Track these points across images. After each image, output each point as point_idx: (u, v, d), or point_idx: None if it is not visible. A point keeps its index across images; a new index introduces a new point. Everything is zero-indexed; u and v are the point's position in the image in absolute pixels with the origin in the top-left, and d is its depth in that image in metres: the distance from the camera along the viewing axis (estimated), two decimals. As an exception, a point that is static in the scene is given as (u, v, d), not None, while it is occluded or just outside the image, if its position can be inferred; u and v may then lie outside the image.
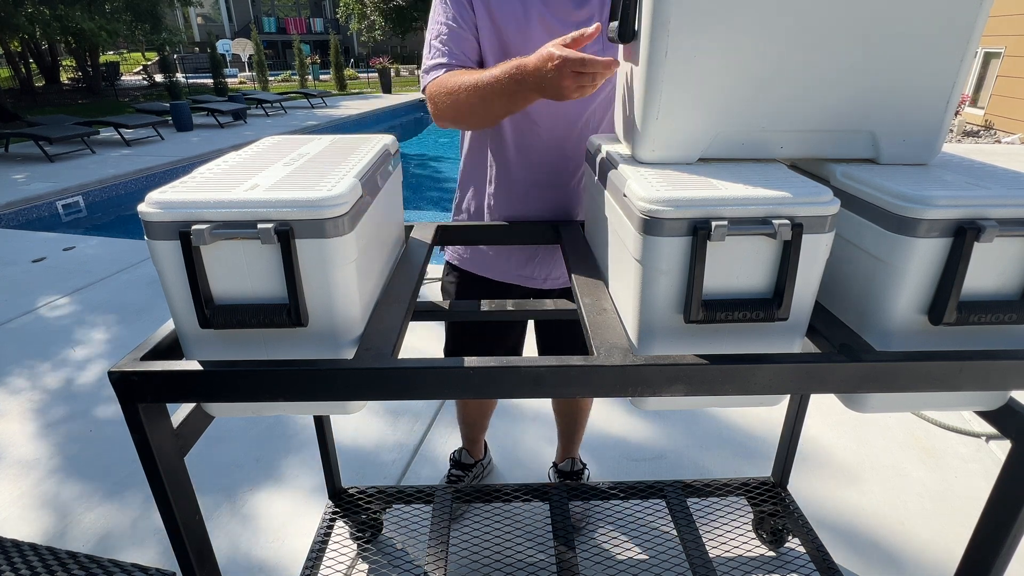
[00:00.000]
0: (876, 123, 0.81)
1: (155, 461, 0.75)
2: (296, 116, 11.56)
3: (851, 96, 0.79)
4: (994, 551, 0.86)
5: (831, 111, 0.80)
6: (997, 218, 0.68)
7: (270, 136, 1.02)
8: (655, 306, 0.73)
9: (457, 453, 1.86)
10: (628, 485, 1.61)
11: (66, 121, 8.40)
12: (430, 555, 1.39)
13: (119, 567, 0.97)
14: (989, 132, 8.94)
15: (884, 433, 2.09)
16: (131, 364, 0.73)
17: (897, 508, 1.76)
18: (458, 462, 1.85)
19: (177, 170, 6.91)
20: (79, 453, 2.04)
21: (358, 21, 24.59)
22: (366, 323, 0.82)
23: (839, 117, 0.80)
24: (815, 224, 0.68)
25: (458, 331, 1.47)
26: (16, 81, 14.94)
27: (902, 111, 0.80)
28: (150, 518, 1.74)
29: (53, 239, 4.44)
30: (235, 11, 35.13)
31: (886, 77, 0.78)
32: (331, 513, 1.57)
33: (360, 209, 0.76)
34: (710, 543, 1.53)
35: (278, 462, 1.98)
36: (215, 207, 0.67)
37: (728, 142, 0.82)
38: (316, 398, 0.75)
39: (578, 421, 1.74)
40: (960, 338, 0.76)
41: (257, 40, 16.68)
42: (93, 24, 11.13)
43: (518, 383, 0.73)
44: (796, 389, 0.76)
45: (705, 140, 0.81)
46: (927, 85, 0.78)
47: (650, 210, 0.68)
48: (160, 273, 0.71)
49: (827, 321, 0.84)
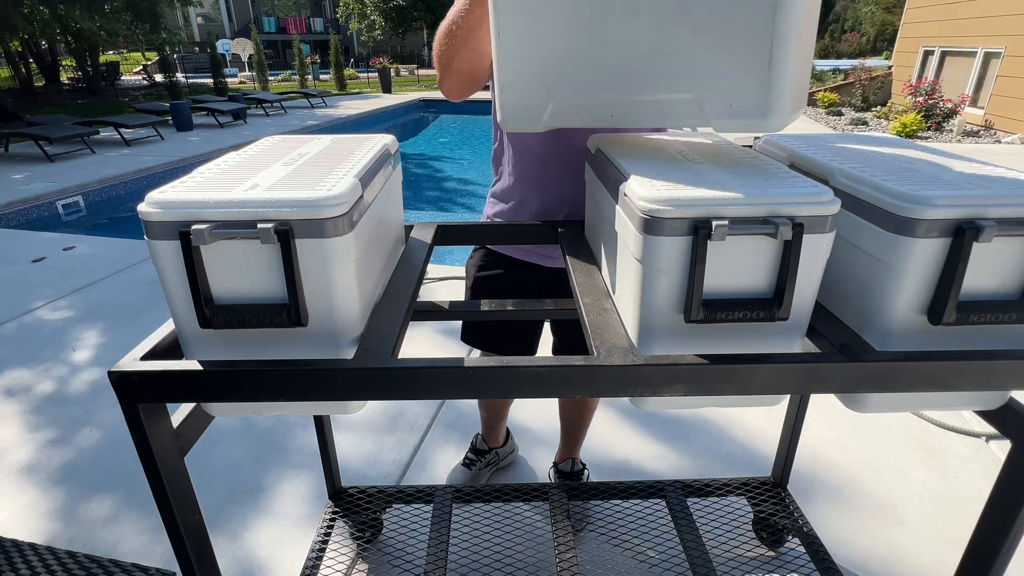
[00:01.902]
0: (697, 89, 0.79)
1: (155, 461, 0.75)
2: (296, 116, 11.55)
3: (667, 64, 0.79)
4: (994, 551, 0.86)
5: (652, 79, 0.81)
6: (996, 218, 0.68)
7: (270, 136, 1.02)
8: (655, 306, 0.73)
9: (475, 438, 1.90)
10: (628, 485, 1.62)
11: (66, 121, 8.40)
12: (430, 555, 1.39)
13: (119, 567, 0.97)
14: (989, 132, 8.94)
15: (884, 433, 2.09)
16: (131, 364, 0.73)
17: (897, 508, 1.76)
18: (474, 446, 1.89)
19: (177, 170, 6.91)
20: (79, 453, 2.04)
21: (358, 21, 24.59)
22: (366, 323, 0.83)
23: (658, 84, 0.81)
24: (816, 224, 0.68)
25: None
26: (16, 81, 14.95)
27: (721, 76, 0.78)
28: (150, 518, 1.74)
29: (53, 239, 4.44)
30: (235, 11, 35.12)
31: (699, 41, 0.77)
32: (331, 513, 1.57)
33: (360, 209, 0.76)
34: (710, 543, 1.53)
35: (278, 462, 1.98)
36: (215, 207, 0.67)
37: (564, 112, 0.86)
38: (316, 398, 0.75)
39: (582, 421, 1.74)
40: (960, 338, 0.76)
41: (257, 40, 16.68)
42: (93, 24, 11.13)
43: (518, 383, 0.73)
44: (796, 389, 0.76)
45: (543, 110, 0.86)
46: (742, 48, 0.75)
47: (650, 209, 0.68)
48: (160, 273, 0.71)
49: (827, 321, 0.84)
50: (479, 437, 1.90)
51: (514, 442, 1.98)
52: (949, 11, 10.46)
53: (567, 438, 1.79)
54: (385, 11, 23.19)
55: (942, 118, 9.20)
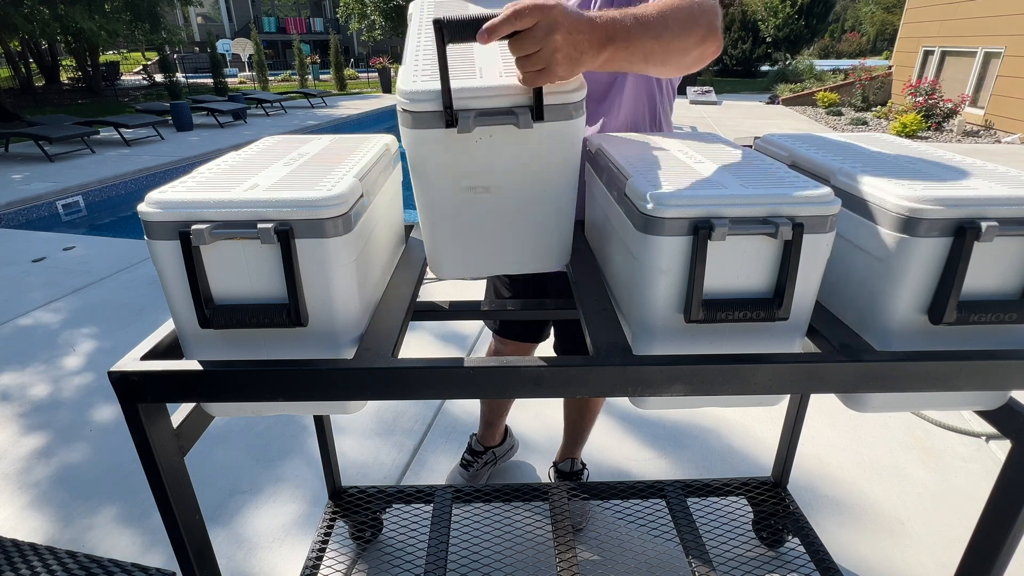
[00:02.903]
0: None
1: (155, 461, 0.75)
2: (296, 116, 11.55)
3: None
4: (994, 551, 0.86)
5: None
6: (997, 218, 0.68)
7: (270, 136, 1.02)
8: (655, 306, 0.73)
9: (471, 438, 1.90)
10: (628, 485, 1.61)
11: (66, 121, 8.40)
12: (430, 555, 1.39)
13: (119, 567, 0.97)
14: (989, 132, 8.95)
15: (884, 433, 2.09)
16: (131, 364, 0.73)
17: (897, 508, 1.76)
18: (470, 447, 1.88)
19: (177, 170, 6.91)
20: (79, 453, 2.04)
21: (358, 21, 24.57)
22: (366, 323, 0.82)
23: None
24: (816, 224, 0.68)
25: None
26: (16, 81, 14.94)
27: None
28: (150, 518, 1.74)
29: (53, 239, 4.44)
30: (235, 11, 35.11)
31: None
32: (331, 513, 1.56)
33: (360, 209, 0.76)
34: (710, 543, 1.53)
35: (278, 462, 1.98)
36: (215, 207, 0.67)
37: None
38: (316, 398, 0.75)
39: (584, 421, 1.74)
40: (960, 338, 0.76)
41: (257, 40, 16.68)
42: (93, 24, 11.12)
43: (518, 383, 0.73)
44: (796, 389, 0.76)
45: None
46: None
47: (651, 209, 0.68)
48: (160, 273, 0.71)
49: (827, 321, 0.84)
50: (475, 438, 1.89)
51: (513, 439, 1.97)
52: (949, 11, 10.46)
53: (569, 438, 1.79)
54: (385, 11, 23.17)
55: (942, 118, 9.20)
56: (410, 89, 0.68)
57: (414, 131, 0.71)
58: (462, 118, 0.67)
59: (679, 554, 1.54)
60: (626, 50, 0.72)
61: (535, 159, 0.73)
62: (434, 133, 0.70)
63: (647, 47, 0.75)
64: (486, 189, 0.75)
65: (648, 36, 0.74)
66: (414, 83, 0.68)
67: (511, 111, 0.68)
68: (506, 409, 1.85)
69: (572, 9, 0.67)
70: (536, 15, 0.62)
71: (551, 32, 0.63)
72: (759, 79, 19.35)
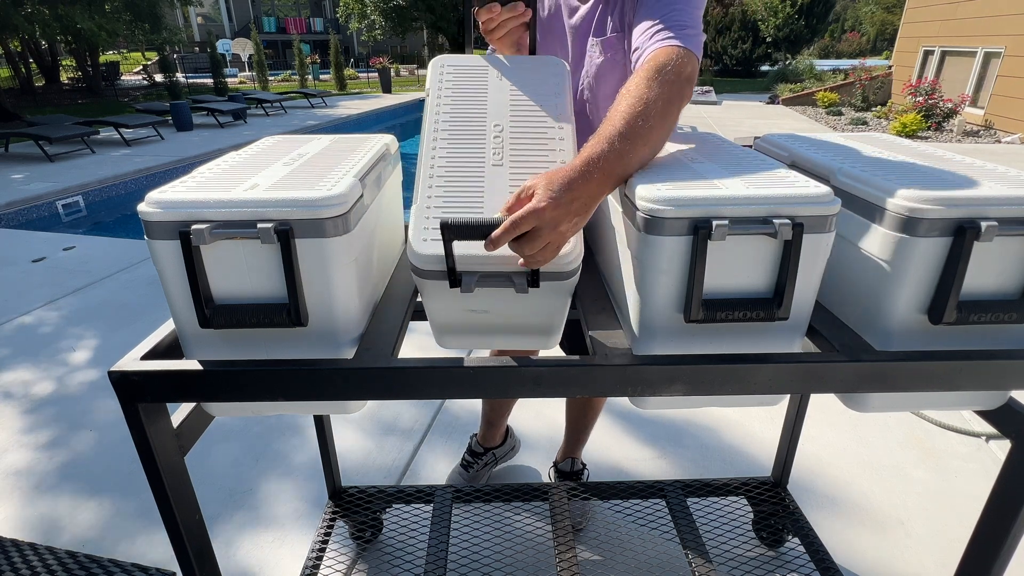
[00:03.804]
0: None
1: (155, 461, 0.75)
2: (296, 116, 11.55)
3: None
4: (994, 551, 0.86)
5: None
6: (997, 218, 0.68)
7: (270, 136, 1.02)
8: (655, 305, 0.73)
9: (471, 439, 1.90)
10: (628, 485, 1.61)
11: (66, 121, 8.40)
12: (430, 555, 1.39)
13: (119, 567, 0.97)
14: (989, 132, 8.94)
15: (884, 433, 2.09)
16: (131, 364, 0.73)
17: (897, 508, 1.76)
18: (470, 448, 1.88)
19: (177, 170, 6.91)
20: (79, 453, 2.04)
21: (358, 21, 24.57)
22: (366, 323, 0.82)
23: None
24: (816, 224, 0.68)
25: None
26: (16, 81, 14.94)
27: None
28: (150, 518, 1.74)
29: (53, 239, 4.44)
30: (235, 11, 35.12)
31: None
32: (331, 513, 1.57)
33: (360, 209, 0.76)
34: (710, 543, 1.53)
35: (278, 462, 1.98)
36: (215, 207, 0.67)
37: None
38: (316, 398, 0.75)
39: (585, 421, 1.74)
40: (960, 338, 0.76)
41: (257, 40, 16.67)
42: (93, 24, 11.11)
43: (518, 383, 0.73)
44: (796, 389, 0.76)
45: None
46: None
47: (651, 209, 0.68)
48: (160, 273, 0.71)
49: (827, 321, 0.84)
50: (475, 439, 1.89)
51: (515, 439, 1.97)
52: (949, 11, 10.46)
53: (570, 436, 1.79)
54: (385, 11, 23.17)
55: (942, 118, 9.20)
56: (420, 252, 0.73)
57: (422, 280, 0.77)
58: (465, 281, 0.73)
59: (679, 554, 1.54)
60: (622, 172, 0.75)
61: (531, 301, 0.79)
62: (441, 283, 0.75)
63: (637, 157, 0.76)
64: (485, 311, 0.81)
65: (637, 145, 0.76)
66: (424, 244, 0.74)
67: (510, 278, 0.74)
68: (508, 409, 1.84)
69: (557, 186, 0.68)
70: (532, 221, 0.66)
71: (549, 230, 0.68)
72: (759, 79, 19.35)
